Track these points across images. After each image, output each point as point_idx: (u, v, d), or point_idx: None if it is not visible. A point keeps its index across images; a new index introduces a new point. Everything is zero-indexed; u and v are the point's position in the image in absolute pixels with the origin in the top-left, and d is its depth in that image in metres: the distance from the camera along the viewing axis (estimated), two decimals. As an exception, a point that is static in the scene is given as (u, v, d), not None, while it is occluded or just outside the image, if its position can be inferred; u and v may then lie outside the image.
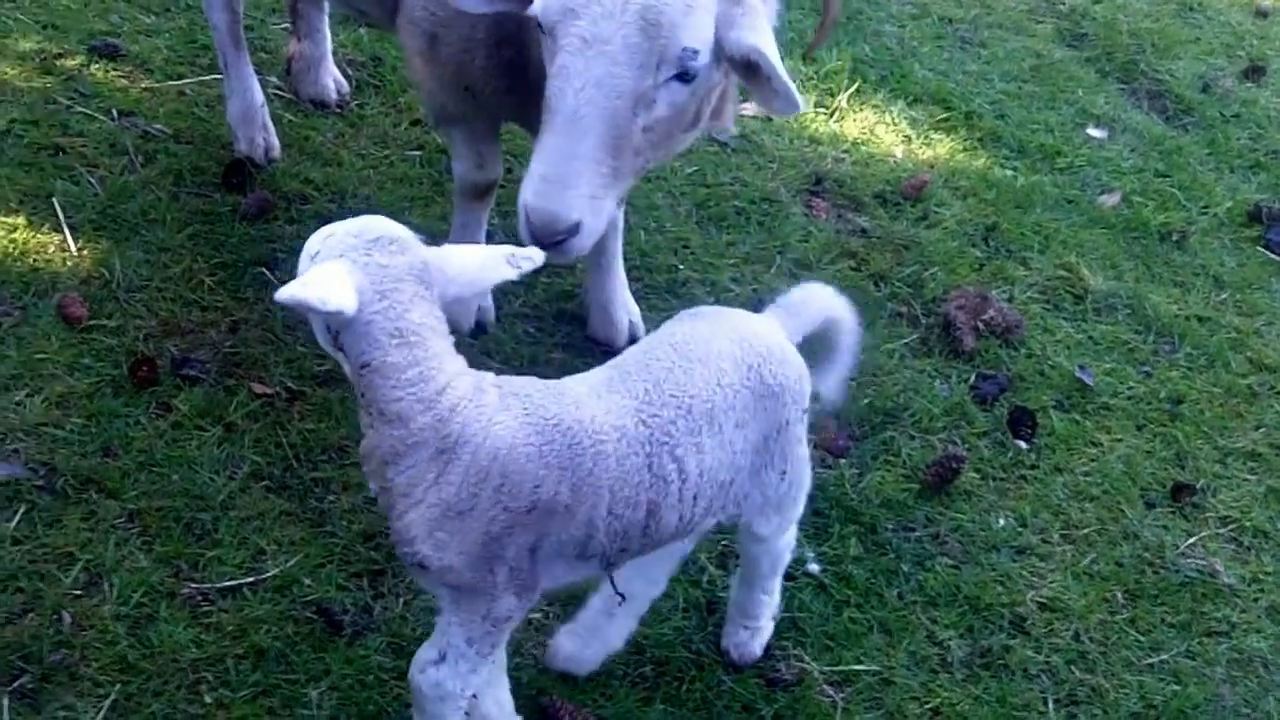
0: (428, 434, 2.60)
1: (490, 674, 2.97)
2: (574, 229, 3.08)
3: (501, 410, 2.65)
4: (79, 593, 3.33)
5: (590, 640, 3.34)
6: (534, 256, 2.70)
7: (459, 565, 2.67)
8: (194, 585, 3.40)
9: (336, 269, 2.52)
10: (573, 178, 3.05)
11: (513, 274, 2.68)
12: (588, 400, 2.76)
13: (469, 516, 2.63)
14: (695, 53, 3.04)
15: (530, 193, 3.07)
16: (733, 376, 2.91)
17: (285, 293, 2.44)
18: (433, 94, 3.85)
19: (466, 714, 2.92)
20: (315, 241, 2.61)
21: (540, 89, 3.50)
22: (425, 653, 2.83)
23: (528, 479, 2.64)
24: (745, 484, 3.04)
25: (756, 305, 4.53)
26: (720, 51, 3.12)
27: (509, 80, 3.66)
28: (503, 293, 4.42)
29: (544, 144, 3.07)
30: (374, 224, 2.61)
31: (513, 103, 3.74)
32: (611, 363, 2.93)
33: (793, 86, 3.13)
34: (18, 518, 3.45)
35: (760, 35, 3.12)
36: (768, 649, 3.56)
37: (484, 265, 2.68)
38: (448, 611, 2.80)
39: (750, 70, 3.15)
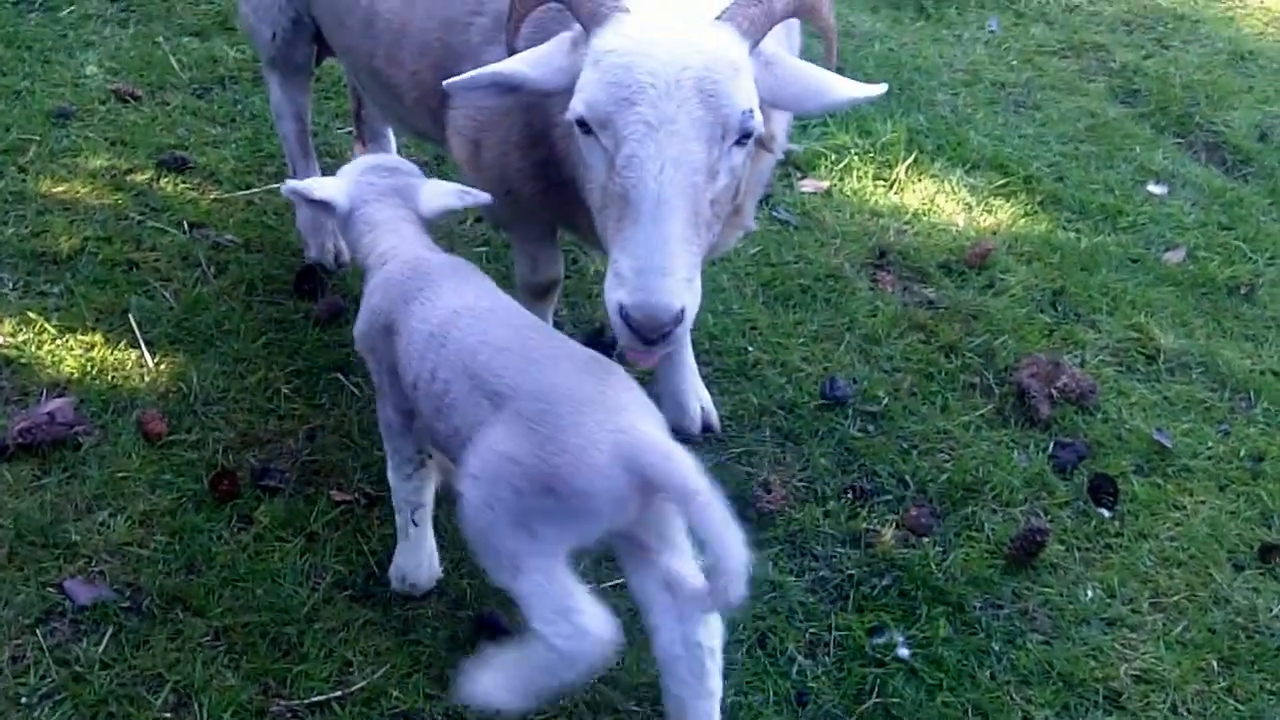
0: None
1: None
2: (679, 317, 2.96)
3: (398, 261, 3.43)
4: (169, 715, 3.34)
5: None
6: (479, 196, 3.56)
7: (363, 349, 3.52)
8: (283, 702, 3.40)
9: (335, 181, 3.59)
10: (669, 264, 2.93)
11: (459, 205, 3.59)
12: (460, 286, 3.34)
13: (367, 319, 3.44)
14: (750, 113, 3.02)
15: (627, 292, 2.95)
16: (514, 383, 2.97)
17: (287, 186, 3.57)
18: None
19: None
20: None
21: (570, 189, 3.52)
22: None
23: (380, 297, 3.40)
24: None
25: (828, 384, 4.58)
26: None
27: (545, 182, 3.67)
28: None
29: (628, 237, 2.97)
30: (381, 158, 3.74)
31: (553, 205, 3.74)
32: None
33: (860, 87, 3.17)
34: (105, 640, 3.47)
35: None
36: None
37: (443, 194, 3.57)
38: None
39: None
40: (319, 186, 3.54)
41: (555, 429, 2.85)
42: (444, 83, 3.21)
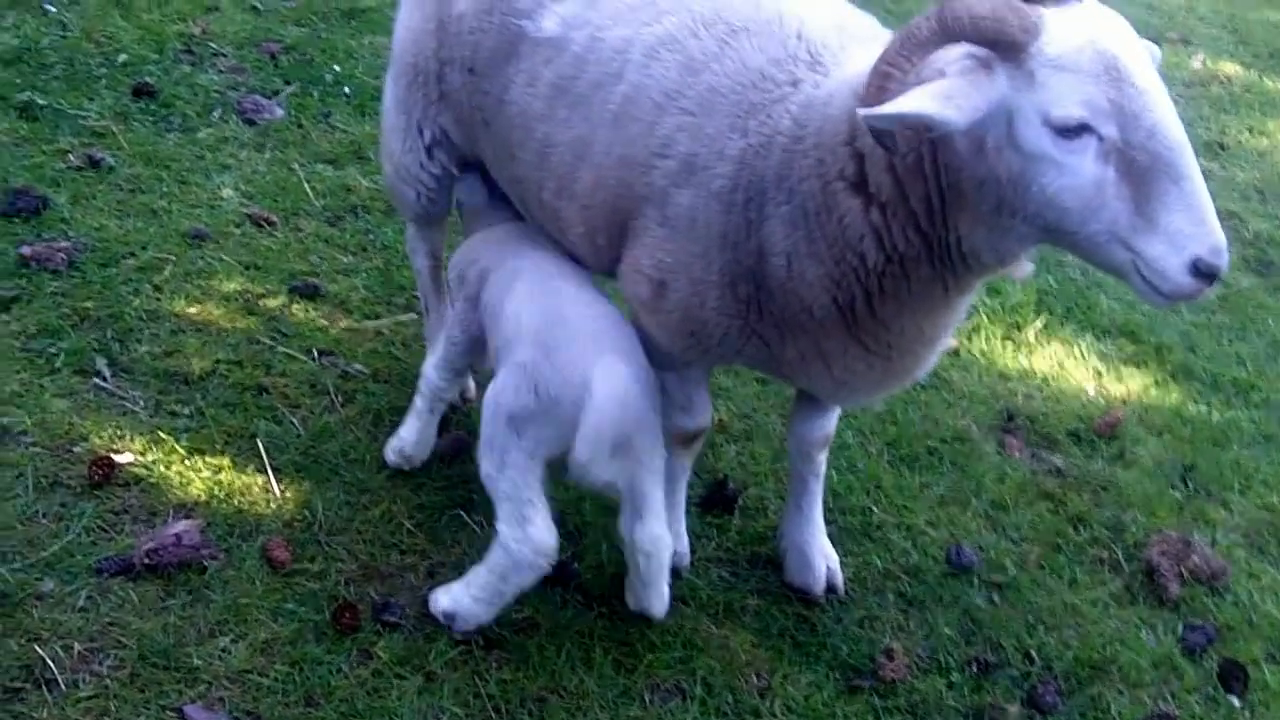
0: None
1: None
2: None
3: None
4: None
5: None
6: None
7: (453, 279, 4.40)
8: (398, 846, 3.33)
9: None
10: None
11: None
12: (528, 251, 4.11)
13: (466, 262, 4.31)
14: None
15: (1199, 242, 2.95)
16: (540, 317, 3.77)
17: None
18: (658, 342, 3.80)
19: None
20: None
21: (773, 319, 3.53)
22: None
23: (485, 254, 4.24)
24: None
25: (954, 551, 4.47)
26: None
27: (743, 319, 3.62)
28: (696, 536, 4.37)
29: (1174, 197, 2.97)
30: None
31: (750, 344, 3.68)
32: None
33: None
34: (222, 771, 3.42)
35: None
36: None
37: None
38: None
39: None
40: None
41: (552, 349, 3.65)
42: (861, 112, 3.01)
